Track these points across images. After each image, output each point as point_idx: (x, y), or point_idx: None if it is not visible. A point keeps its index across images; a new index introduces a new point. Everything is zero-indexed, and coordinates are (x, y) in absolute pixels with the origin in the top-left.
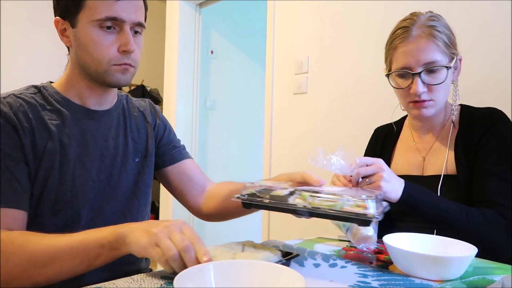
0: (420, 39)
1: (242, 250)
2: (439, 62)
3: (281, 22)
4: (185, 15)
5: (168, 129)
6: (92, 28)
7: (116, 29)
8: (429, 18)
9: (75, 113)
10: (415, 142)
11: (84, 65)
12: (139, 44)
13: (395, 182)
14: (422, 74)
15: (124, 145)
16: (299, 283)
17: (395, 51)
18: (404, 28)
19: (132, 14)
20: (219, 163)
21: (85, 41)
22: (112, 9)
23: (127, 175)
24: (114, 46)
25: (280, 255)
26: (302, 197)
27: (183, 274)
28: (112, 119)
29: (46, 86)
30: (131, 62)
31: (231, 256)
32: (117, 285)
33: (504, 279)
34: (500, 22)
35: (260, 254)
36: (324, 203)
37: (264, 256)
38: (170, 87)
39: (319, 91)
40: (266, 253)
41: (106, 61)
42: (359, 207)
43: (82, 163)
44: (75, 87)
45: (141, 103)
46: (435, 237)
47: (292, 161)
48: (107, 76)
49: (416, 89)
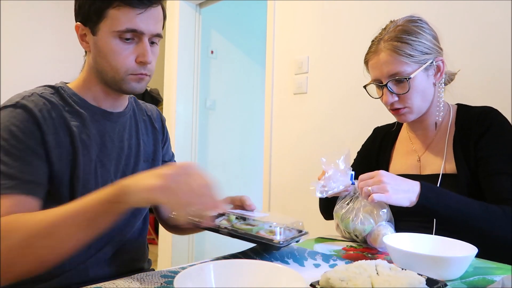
0: (381, 53)
1: (376, 270)
2: (402, 73)
3: (281, 22)
4: (185, 15)
5: (168, 145)
6: (113, 38)
7: (135, 40)
8: (397, 28)
9: (93, 114)
10: (412, 143)
11: (102, 71)
12: (155, 54)
13: (403, 187)
14: (388, 84)
15: (137, 146)
16: (299, 283)
17: (367, 65)
18: (373, 42)
19: (152, 26)
20: (219, 163)
21: (105, 50)
22: (133, 22)
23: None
24: (132, 56)
25: (424, 282)
26: (229, 219)
27: (183, 274)
28: (125, 121)
29: (63, 87)
30: (147, 72)
31: (367, 279)
32: (117, 284)
33: (504, 279)
34: (500, 22)
35: (403, 280)
36: (243, 227)
37: (408, 283)
38: (170, 87)
39: (319, 91)
40: (409, 280)
41: (124, 71)
42: (271, 233)
43: (102, 163)
44: (91, 89)
45: (147, 106)
46: (435, 237)
47: (292, 161)
48: (123, 84)
49: (386, 100)
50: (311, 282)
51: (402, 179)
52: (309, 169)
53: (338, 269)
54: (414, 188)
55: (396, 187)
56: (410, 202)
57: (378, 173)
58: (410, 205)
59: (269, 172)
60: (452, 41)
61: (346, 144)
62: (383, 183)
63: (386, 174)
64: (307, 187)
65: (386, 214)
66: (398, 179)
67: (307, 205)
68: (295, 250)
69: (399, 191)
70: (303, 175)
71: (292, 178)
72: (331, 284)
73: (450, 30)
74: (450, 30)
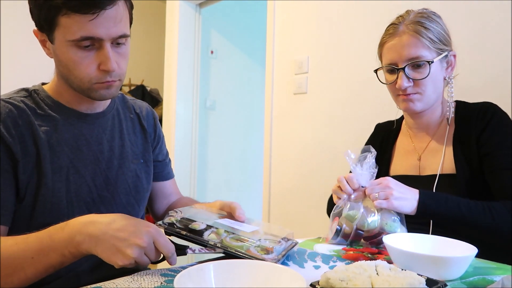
0: (404, 35)
1: (375, 271)
2: (423, 57)
3: (281, 22)
4: (185, 15)
5: (164, 144)
6: (70, 47)
7: (95, 46)
8: (418, 14)
9: (67, 118)
10: (412, 141)
11: (67, 80)
12: (124, 55)
13: (407, 195)
14: (406, 69)
15: (121, 147)
16: (299, 283)
17: (383, 47)
18: (393, 25)
19: (112, 29)
20: (219, 163)
21: (64, 60)
22: (88, 28)
23: (125, 178)
24: (94, 65)
25: (424, 282)
26: (218, 233)
27: (184, 274)
28: (106, 121)
29: (37, 89)
30: (114, 78)
31: (367, 279)
32: (117, 284)
33: (504, 279)
34: (500, 22)
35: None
36: (234, 243)
37: (408, 283)
38: (170, 87)
39: (319, 91)
40: (409, 280)
41: (87, 80)
42: (263, 251)
43: (75, 169)
44: (63, 94)
45: (137, 103)
46: (435, 237)
47: (292, 161)
48: (91, 92)
49: (401, 84)
50: (311, 282)
51: (407, 188)
52: (309, 169)
53: (338, 269)
54: (415, 196)
55: (399, 195)
56: (411, 210)
57: (385, 179)
58: (411, 213)
59: (269, 172)
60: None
61: (346, 144)
62: (388, 188)
63: (392, 181)
64: (307, 187)
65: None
66: (403, 187)
67: (307, 204)
68: (295, 252)
69: (401, 198)
70: (303, 175)
71: (292, 178)
72: (331, 284)
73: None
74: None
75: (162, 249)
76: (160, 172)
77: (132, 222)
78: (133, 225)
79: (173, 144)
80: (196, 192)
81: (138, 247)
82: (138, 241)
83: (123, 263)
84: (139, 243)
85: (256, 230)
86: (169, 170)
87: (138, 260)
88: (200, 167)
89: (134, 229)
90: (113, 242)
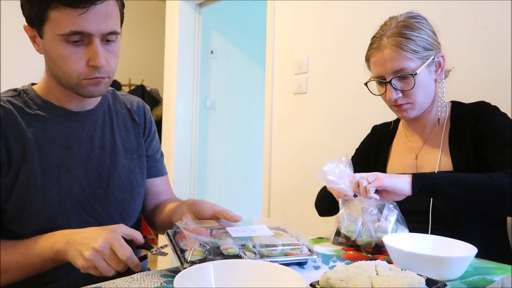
0: (386, 49)
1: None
2: (407, 69)
3: (281, 22)
4: (185, 15)
5: (155, 139)
6: (59, 41)
7: (84, 41)
8: (399, 23)
9: (57, 117)
10: (409, 141)
11: (56, 76)
12: (114, 52)
13: (399, 176)
14: (393, 81)
15: (112, 144)
16: (299, 283)
17: (369, 61)
18: (375, 38)
19: (101, 25)
20: (219, 163)
21: (53, 55)
22: (77, 23)
23: (118, 174)
24: (82, 60)
25: (424, 282)
26: (247, 248)
27: (184, 274)
28: (97, 119)
29: (27, 89)
30: (103, 75)
31: (367, 279)
32: (117, 284)
33: (504, 279)
34: (500, 22)
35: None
36: (266, 252)
37: (408, 283)
38: (170, 87)
39: (319, 91)
40: (409, 280)
41: (76, 76)
42: (296, 249)
43: (66, 167)
44: (52, 92)
45: (128, 98)
46: (435, 237)
47: (292, 161)
48: (79, 89)
49: (390, 96)
50: (311, 282)
51: (397, 175)
52: (309, 169)
53: (338, 269)
54: (407, 176)
55: (390, 177)
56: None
57: (375, 173)
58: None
59: (269, 172)
60: (452, 41)
61: (346, 144)
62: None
63: (381, 173)
64: (307, 187)
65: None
66: (393, 175)
67: (307, 204)
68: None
69: (393, 176)
70: (303, 174)
71: (292, 177)
72: (331, 284)
73: (450, 30)
74: (450, 29)
75: (117, 253)
76: (148, 168)
77: (98, 230)
78: (96, 232)
79: (173, 144)
80: (196, 192)
81: (94, 250)
82: (94, 244)
83: (82, 265)
84: (94, 246)
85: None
86: (159, 168)
87: (96, 264)
88: (200, 167)
89: (94, 235)
90: (76, 246)
